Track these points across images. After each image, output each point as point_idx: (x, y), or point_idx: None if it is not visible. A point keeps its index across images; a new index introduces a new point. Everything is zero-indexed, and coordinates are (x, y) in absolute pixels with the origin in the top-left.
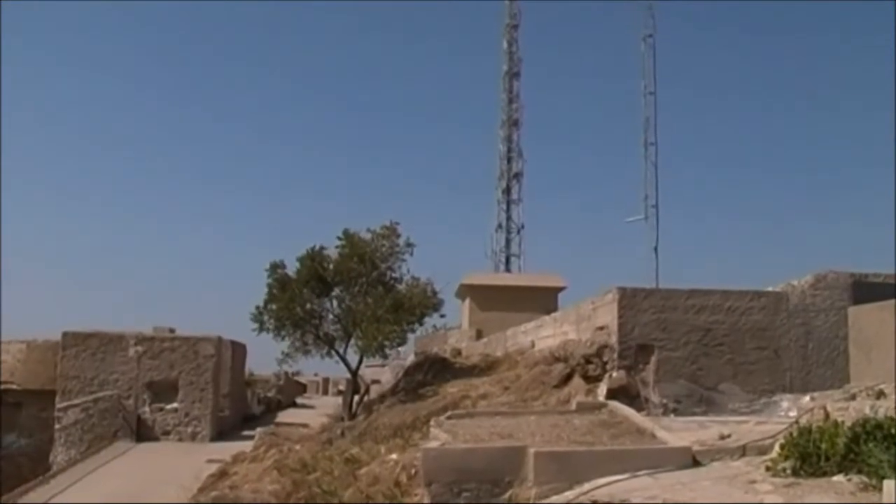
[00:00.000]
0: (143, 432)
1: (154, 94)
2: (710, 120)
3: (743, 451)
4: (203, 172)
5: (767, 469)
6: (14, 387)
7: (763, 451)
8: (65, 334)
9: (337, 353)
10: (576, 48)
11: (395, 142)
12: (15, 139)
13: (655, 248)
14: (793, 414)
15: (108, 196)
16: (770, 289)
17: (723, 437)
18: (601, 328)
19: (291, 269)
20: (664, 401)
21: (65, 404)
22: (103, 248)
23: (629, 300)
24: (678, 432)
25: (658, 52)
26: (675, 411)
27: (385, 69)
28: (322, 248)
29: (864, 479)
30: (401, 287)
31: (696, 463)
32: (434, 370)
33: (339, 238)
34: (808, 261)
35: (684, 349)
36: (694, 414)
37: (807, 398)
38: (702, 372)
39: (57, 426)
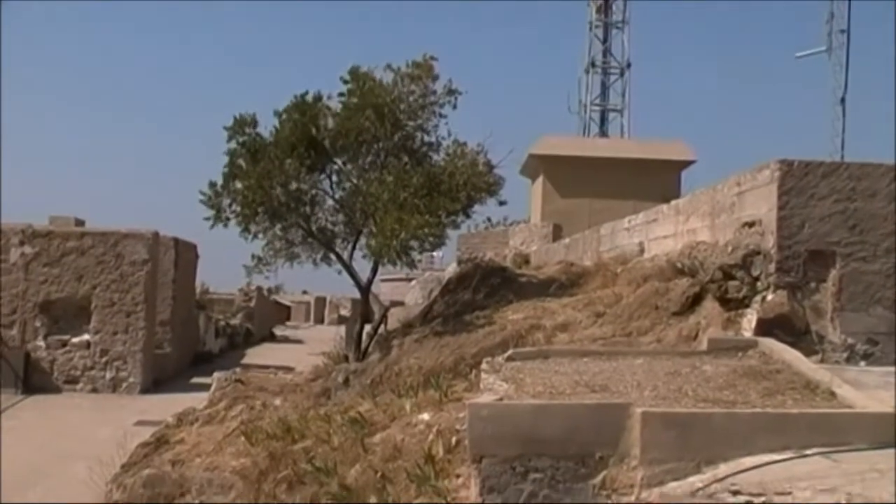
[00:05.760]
0: (34, 379)
1: None
2: None
3: None
4: None
5: None
6: None
7: None
8: None
9: (338, 257)
10: None
11: None
12: None
13: (842, 99)
14: None
15: None
16: None
17: None
18: (750, 224)
19: (268, 128)
20: (850, 340)
21: None
22: None
23: (797, 181)
24: (872, 390)
25: None
26: (869, 357)
27: None
28: (318, 97)
29: None
30: (438, 158)
31: None
32: (488, 286)
33: (345, 81)
34: None
35: (886, 259)
36: None
37: None
38: None
39: None
